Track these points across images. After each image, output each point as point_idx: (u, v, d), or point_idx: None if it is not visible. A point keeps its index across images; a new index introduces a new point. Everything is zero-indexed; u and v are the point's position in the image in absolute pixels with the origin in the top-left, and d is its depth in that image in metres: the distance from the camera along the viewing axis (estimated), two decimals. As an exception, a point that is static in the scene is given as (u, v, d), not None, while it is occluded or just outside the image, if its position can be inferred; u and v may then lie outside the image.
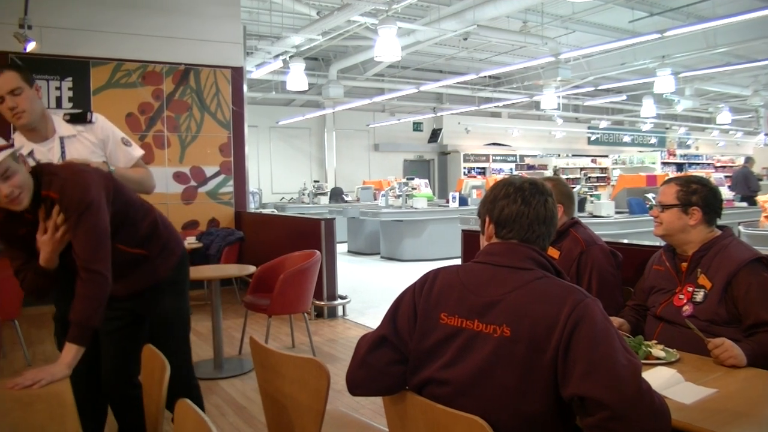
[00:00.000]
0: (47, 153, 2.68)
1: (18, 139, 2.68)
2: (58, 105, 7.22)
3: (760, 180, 13.53)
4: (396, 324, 1.75)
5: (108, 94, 7.49)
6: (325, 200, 14.13)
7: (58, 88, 7.22)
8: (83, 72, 7.36)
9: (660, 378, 1.86)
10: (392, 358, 1.73)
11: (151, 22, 7.72)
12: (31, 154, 2.65)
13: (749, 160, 12.81)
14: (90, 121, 2.89)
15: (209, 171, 8.10)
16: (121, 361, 2.75)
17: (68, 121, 2.81)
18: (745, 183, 12.32)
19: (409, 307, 1.74)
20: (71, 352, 2.19)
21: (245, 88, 8.44)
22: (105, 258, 2.32)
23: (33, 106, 2.64)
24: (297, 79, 10.90)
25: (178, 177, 7.93)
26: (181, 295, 2.90)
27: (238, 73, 8.29)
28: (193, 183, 8.02)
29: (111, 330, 2.68)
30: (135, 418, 2.54)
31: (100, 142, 2.89)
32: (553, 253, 2.91)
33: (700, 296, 2.35)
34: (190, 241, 6.72)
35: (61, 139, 2.72)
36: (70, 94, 7.28)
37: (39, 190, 2.25)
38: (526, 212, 1.71)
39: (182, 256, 2.86)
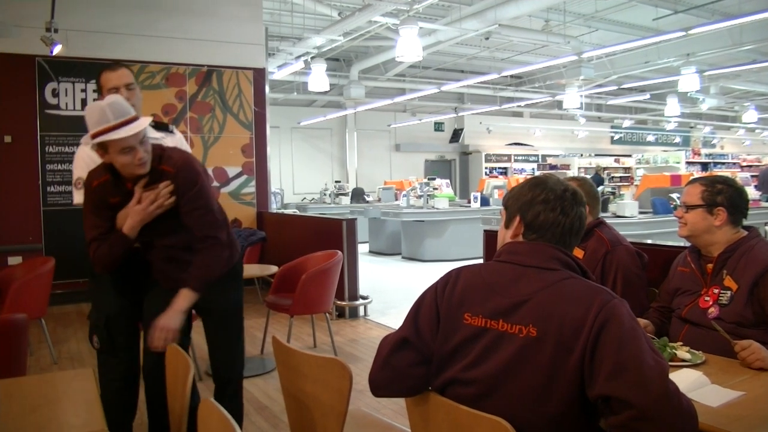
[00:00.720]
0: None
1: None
2: (83, 107, 7.31)
3: None
4: (418, 325, 1.74)
5: (132, 95, 7.56)
6: (346, 200, 14.15)
7: (83, 91, 7.33)
8: (108, 74, 7.44)
9: (686, 380, 1.83)
10: (414, 359, 1.72)
11: (174, 24, 7.79)
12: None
13: None
14: (171, 131, 3.12)
15: (232, 171, 8.16)
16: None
17: (153, 127, 2.99)
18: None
19: (431, 307, 1.73)
20: (187, 300, 2.54)
21: (267, 89, 8.49)
22: (217, 226, 2.66)
23: (140, 104, 2.90)
24: (318, 79, 10.93)
25: (201, 177, 7.98)
26: (242, 289, 3.07)
27: (260, 75, 8.34)
28: (215, 183, 8.08)
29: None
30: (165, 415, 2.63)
31: None
32: (578, 253, 2.88)
33: (726, 298, 2.32)
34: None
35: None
36: (95, 96, 7.34)
37: (154, 164, 2.54)
38: (562, 222, 1.69)
39: (241, 251, 3.09)
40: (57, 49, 6.63)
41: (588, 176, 9.53)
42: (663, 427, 1.36)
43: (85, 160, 2.85)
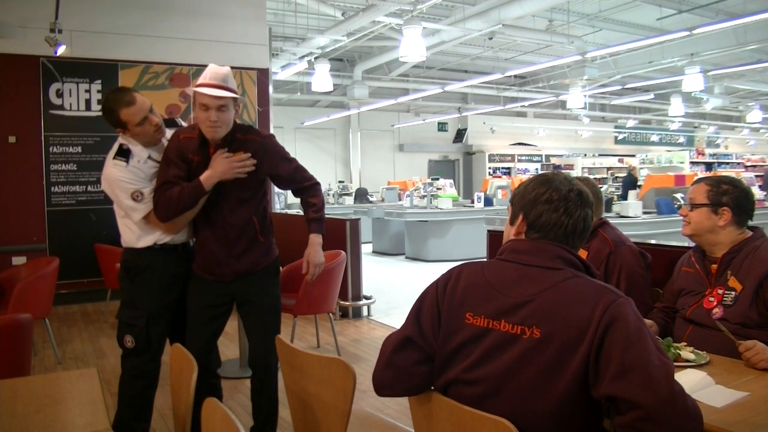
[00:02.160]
0: (158, 155, 3.01)
1: (136, 149, 2.99)
2: (87, 107, 7.33)
3: None
4: (420, 323, 1.73)
5: (136, 96, 7.58)
6: (350, 201, 14.16)
7: (87, 91, 7.34)
8: (112, 74, 7.46)
9: (690, 380, 1.83)
10: (418, 358, 1.72)
11: (178, 24, 7.81)
12: (149, 156, 2.99)
13: None
14: (179, 125, 3.23)
15: (235, 172, 8.16)
16: (210, 349, 3.07)
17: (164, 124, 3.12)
18: None
19: (433, 305, 1.73)
20: (319, 238, 3.04)
21: (271, 89, 8.51)
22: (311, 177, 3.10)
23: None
24: (322, 80, 10.93)
25: (205, 178, 8.00)
26: (279, 284, 3.21)
27: (263, 75, 8.35)
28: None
29: (213, 316, 2.98)
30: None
31: None
32: (581, 253, 2.86)
33: (730, 298, 2.31)
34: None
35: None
36: (99, 96, 7.39)
37: (234, 133, 2.82)
38: (565, 224, 1.66)
39: None
40: (61, 50, 6.65)
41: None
42: (669, 427, 1.36)
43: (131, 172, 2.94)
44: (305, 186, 3.06)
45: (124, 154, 2.92)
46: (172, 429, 3.51)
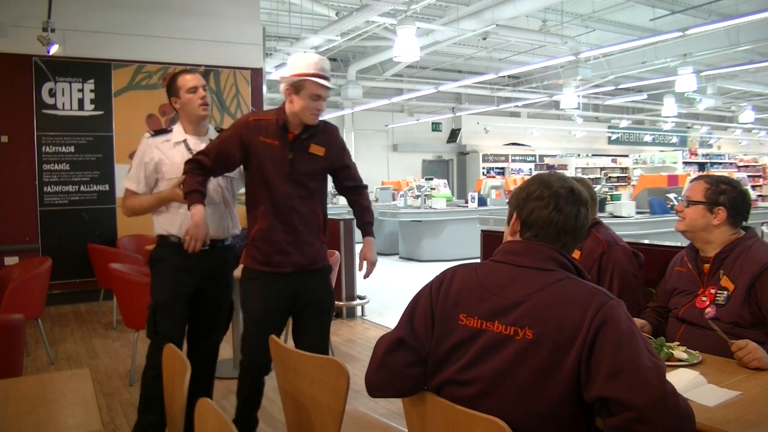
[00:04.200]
0: (197, 144, 3.10)
1: (177, 129, 3.16)
2: (80, 107, 7.31)
3: None
4: (413, 325, 1.73)
5: (129, 95, 7.56)
6: (343, 200, 14.05)
7: (80, 90, 7.31)
8: (105, 74, 7.44)
9: (683, 380, 1.84)
10: (410, 359, 1.72)
11: (171, 24, 7.79)
12: (185, 141, 3.13)
13: None
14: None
15: (229, 171, 8.14)
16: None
17: (216, 130, 3.29)
18: None
19: (426, 307, 1.73)
20: (372, 241, 3.16)
21: (265, 89, 8.50)
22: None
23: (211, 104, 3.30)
24: (316, 79, 10.87)
25: (199, 177, 7.98)
26: None
27: (257, 74, 8.33)
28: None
29: (279, 319, 3.02)
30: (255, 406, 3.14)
31: None
32: (574, 253, 2.87)
33: (722, 298, 2.32)
34: (210, 242, 6.76)
35: (205, 138, 3.18)
36: (92, 96, 7.36)
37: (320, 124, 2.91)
38: (556, 220, 1.65)
39: (239, 251, 3.32)
40: (54, 49, 6.62)
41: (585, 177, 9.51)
42: (661, 428, 1.36)
43: (141, 150, 3.17)
44: (361, 186, 3.17)
45: (159, 131, 3.18)
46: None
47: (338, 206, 13.28)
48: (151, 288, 3.12)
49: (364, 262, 3.15)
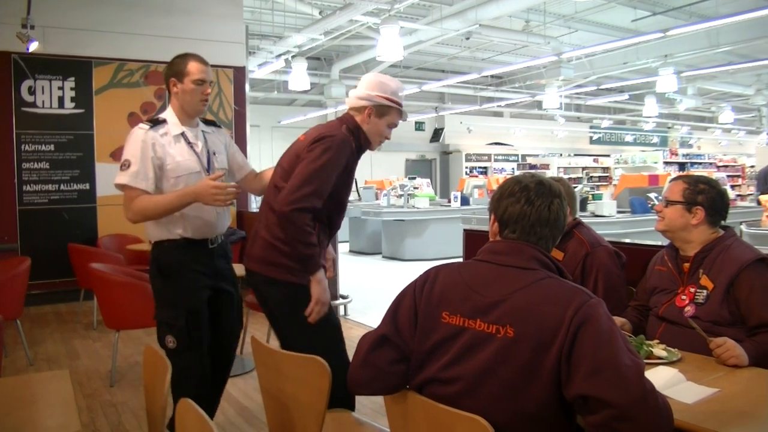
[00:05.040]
0: (194, 138, 2.96)
1: (171, 119, 2.93)
2: (61, 105, 7.23)
3: None
4: (397, 323, 1.74)
5: (110, 93, 7.50)
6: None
7: (61, 88, 7.24)
8: (86, 72, 7.37)
9: (662, 378, 1.86)
10: (394, 357, 1.72)
11: (153, 21, 7.72)
12: (183, 134, 2.92)
13: None
14: (217, 126, 3.22)
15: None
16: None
17: (204, 123, 3.13)
18: (766, 180, 12.26)
19: (410, 305, 1.74)
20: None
21: (247, 87, 8.45)
22: None
23: None
24: (299, 78, 10.89)
25: (180, 176, 7.93)
26: None
27: (240, 73, 8.29)
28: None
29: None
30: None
31: (223, 143, 3.17)
32: (557, 255, 2.88)
33: (702, 297, 2.34)
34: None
35: (203, 131, 3.04)
36: (73, 94, 7.29)
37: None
38: (528, 213, 1.68)
39: None
40: (33, 46, 6.55)
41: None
42: (641, 425, 1.37)
43: (142, 143, 2.81)
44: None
45: (153, 121, 2.88)
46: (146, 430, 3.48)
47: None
48: (171, 297, 2.88)
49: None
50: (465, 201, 11.77)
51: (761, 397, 1.86)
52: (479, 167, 20.90)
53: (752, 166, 18.54)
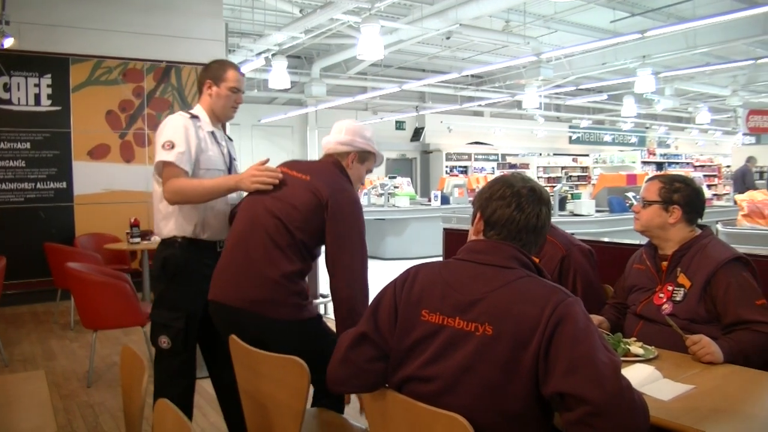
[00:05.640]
0: (221, 138, 3.03)
1: (203, 116, 2.97)
2: (37, 102, 7.14)
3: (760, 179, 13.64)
4: (377, 321, 1.74)
5: (88, 91, 7.42)
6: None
7: (37, 85, 7.15)
8: (62, 69, 7.28)
9: (639, 375, 1.88)
10: (373, 354, 1.73)
11: (132, 18, 7.65)
12: (213, 133, 2.97)
13: (751, 159, 12.97)
14: (230, 139, 3.23)
15: (190, 169, 8.02)
16: None
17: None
18: (743, 180, 12.46)
19: (390, 303, 1.74)
20: None
21: (227, 86, 8.39)
22: None
23: None
24: (279, 77, 10.85)
25: (159, 175, 7.87)
26: None
27: (219, 71, 8.23)
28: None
29: None
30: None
31: (235, 154, 3.20)
32: (533, 259, 2.89)
33: (680, 295, 2.37)
34: (171, 240, 6.66)
35: (226, 136, 3.12)
36: (49, 91, 7.20)
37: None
38: (517, 219, 1.69)
39: None
40: (8, 43, 6.46)
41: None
42: (617, 421, 1.39)
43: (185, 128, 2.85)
44: None
45: (192, 115, 2.93)
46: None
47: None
48: (173, 298, 2.84)
49: None
50: (445, 200, 11.81)
51: (736, 393, 1.89)
52: (459, 166, 20.95)
53: (728, 166, 18.76)
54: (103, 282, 4.42)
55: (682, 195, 2.47)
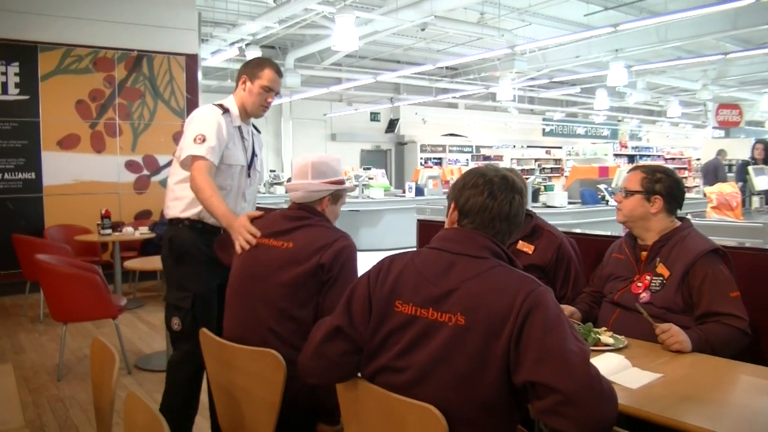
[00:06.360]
0: (247, 134, 3.05)
1: (233, 109, 2.99)
2: (4, 91, 7.00)
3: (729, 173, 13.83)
4: (351, 313, 1.74)
5: (57, 80, 7.28)
6: (281, 190, 13.99)
7: (4, 74, 7.00)
8: (31, 57, 7.14)
9: (608, 364, 1.90)
10: (347, 348, 1.73)
11: (102, 6, 7.52)
12: (240, 127, 3.00)
13: (722, 152, 13.16)
14: (258, 131, 3.25)
15: (163, 160, 7.95)
16: None
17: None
18: (714, 173, 12.64)
19: (364, 295, 1.74)
20: None
21: (200, 75, 8.31)
22: None
23: None
24: (253, 67, 10.71)
25: (131, 166, 7.78)
26: None
27: (192, 61, 8.14)
28: (145, 172, 7.88)
29: None
30: None
31: (260, 146, 3.20)
32: (527, 248, 2.96)
33: (657, 284, 2.41)
34: (143, 232, 6.60)
35: (251, 131, 3.12)
36: (17, 79, 7.06)
37: None
38: (490, 206, 1.70)
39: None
40: (-25, 30, 6.32)
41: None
42: (586, 409, 1.40)
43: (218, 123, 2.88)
44: None
45: (222, 107, 2.94)
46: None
47: (275, 196, 13.19)
48: (181, 279, 2.87)
49: None
50: (419, 191, 11.83)
51: (702, 381, 1.92)
52: (434, 158, 20.99)
53: (698, 159, 19.04)
54: (73, 274, 4.36)
55: (664, 185, 2.51)
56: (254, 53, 10.64)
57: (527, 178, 10.48)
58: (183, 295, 2.83)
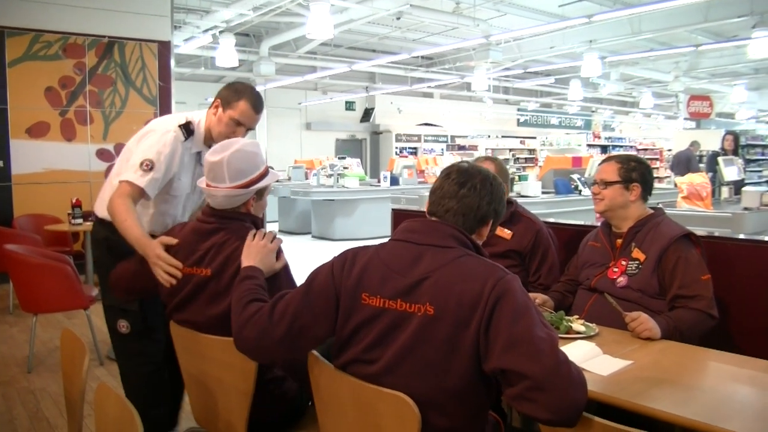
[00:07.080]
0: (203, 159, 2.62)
1: (198, 135, 2.74)
2: (-29, 77, 6.84)
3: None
4: (310, 301, 1.74)
5: (26, 66, 7.13)
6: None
7: (-30, 60, 6.84)
8: (-3, 42, 6.99)
9: (579, 351, 1.93)
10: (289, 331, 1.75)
11: (71, -9, 7.37)
12: (200, 153, 2.74)
13: (694, 143, 13.32)
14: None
15: (135, 148, 7.82)
16: None
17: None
18: (687, 164, 12.78)
19: (327, 284, 1.73)
20: None
21: (173, 63, 8.19)
22: None
23: None
24: (227, 55, 10.65)
25: (102, 154, 7.65)
26: None
27: (165, 48, 8.02)
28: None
29: None
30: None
31: None
32: (504, 234, 2.99)
33: (633, 267, 2.48)
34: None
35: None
36: (-16, 68, 6.90)
37: None
38: (461, 194, 1.73)
39: None
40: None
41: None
42: (556, 395, 1.42)
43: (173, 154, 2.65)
44: None
45: (188, 129, 2.69)
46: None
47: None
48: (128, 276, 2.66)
49: None
50: (395, 181, 11.84)
51: (671, 367, 1.96)
52: (409, 148, 20.99)
53: (669, 150, 19.27)
54: (43, 264, 4.29)
55: (639, 173, 2.59)
56: (228, 41, 10.52)
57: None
58: (128, 298, 2.64)
